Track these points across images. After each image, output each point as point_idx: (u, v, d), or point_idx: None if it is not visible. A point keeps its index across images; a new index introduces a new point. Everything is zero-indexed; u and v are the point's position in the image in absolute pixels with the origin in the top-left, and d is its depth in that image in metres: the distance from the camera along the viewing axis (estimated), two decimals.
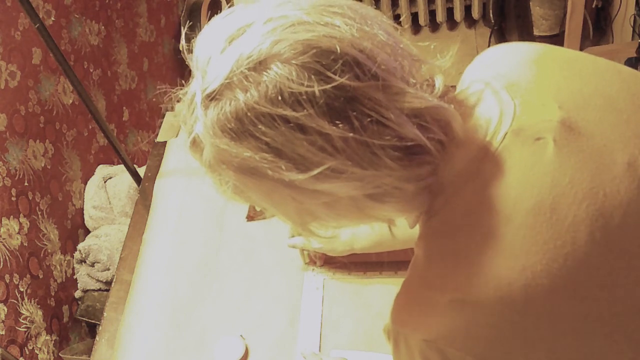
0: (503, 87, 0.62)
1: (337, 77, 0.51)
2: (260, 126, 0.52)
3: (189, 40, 0.60)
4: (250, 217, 0.60)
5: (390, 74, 0.54)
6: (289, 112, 0.51)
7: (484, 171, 0.57)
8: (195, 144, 0.58)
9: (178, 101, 0.62)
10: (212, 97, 0.54)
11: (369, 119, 0.52)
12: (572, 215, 0.54)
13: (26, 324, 1.40)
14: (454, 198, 0.58)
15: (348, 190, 0.55)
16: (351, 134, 0.52)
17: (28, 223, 1.46)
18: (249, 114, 0.52)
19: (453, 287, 0.57)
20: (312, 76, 0.51)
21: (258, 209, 0.65)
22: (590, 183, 0.55)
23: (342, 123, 0.51)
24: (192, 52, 0.58)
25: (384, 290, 1.12)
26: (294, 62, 0.51)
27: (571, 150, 0.57)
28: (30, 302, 1.43)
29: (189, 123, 0.58)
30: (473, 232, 0.57)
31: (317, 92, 0.51)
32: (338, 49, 0.52)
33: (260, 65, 0.52)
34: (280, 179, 0.54)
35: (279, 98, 0.51)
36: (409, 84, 0.55)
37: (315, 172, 0.52)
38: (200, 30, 0.59)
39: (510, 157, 0.57)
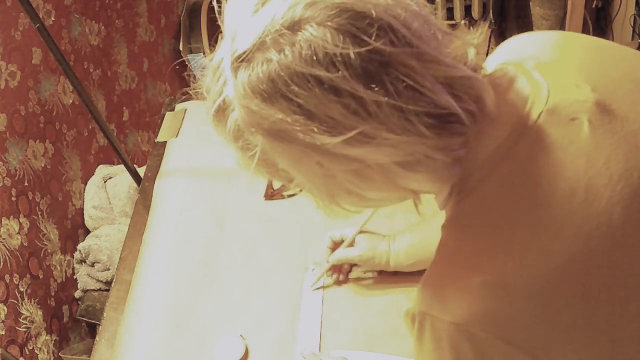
0: (534, 68, 0.61)
1: (372, 41, 0.50)
2: (293, 87, 0.51)
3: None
4: (268, 196, 0.58)
5: (423, 42, 0.53)
6: (323, 73, 0.50)
7: (519, 151, 0.57)
8: (220, 111, 0.57)
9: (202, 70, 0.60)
10: (243, 59, 0.53)
11: (403, 85, 0.51)
12: (608, 197, 0.54)
13: (26, 324, 1.40)
14: (489, 178, 0.57)
15: (379, 157, 0.54)
16: (385, 99, 0.51)
17: (28, 223, 1.46)
18: (282, 74, 0.51)
19: (486, 269, 0.56)
20: (347, 39, 0.50)
21: (277, 185, 0.64)
22: (625, 164, 0.55)
23: (376, 87, 0.51)
24: (220, 16, 0.57)
25: (384, 290, 1.12)
26: (328, 24, 0.51)
27: (606, 131, 0.56)
28: (30, 302, 1.43)
29: (215, 90, 0.57)
30: (507, 213, 0.56)
31: (352, 55, 0.50)
32: (373, 13, 0.51)
33: (294, 26, 0.51)
34: (311, 142, 0.52)
35: (314, 58, 0.50)
36: (442, 53, 0.55)
37: (347, 136, 0.51)
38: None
39: (545, 137, 0.56)
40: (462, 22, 2.65)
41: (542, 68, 0.61)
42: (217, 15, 0.58)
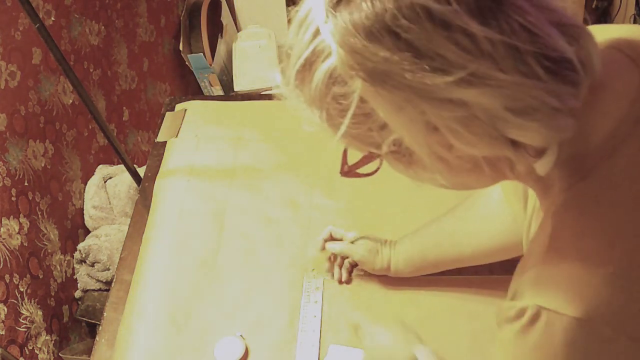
0: (628, 48, 0.58)
1: None
2: (402, 21, 0.47)
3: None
4: (344, 172, 0.55)
5: None
6: (434, 6, 0.47)
7: None
8: (307, 66, 0.53)
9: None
10: (340, 1, 0.50)
11: (517, 24, 0.48)
12: None
13: (26, 324, 1.40)
14: (612, 157, 0.54)
15: (489, 100, 0.49)
16: (500, 36, 0.48)
17: (28, 223, 1.46)
18: (390, 7, 0.48)
19: (612, 261, 0.53)
20: None
21: (357, 157, 0.59)
22: None
23: (490, 23, 0.48)
24: None
25: (384, 290, 1.12)
26: None
27: None
28: (30, 302, 1.43)
29: (302, 42, 0.53)
30: (638, 198, 0.53)
31: None
32: None
33: None
34: (418, 84, 0.49)
35: None
36: (553, 2, 0.52)
37: (458, 76, 0.48)
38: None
39: None
40: None
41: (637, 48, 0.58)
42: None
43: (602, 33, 0.62)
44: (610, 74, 0.55)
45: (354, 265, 1.14)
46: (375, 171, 0.63)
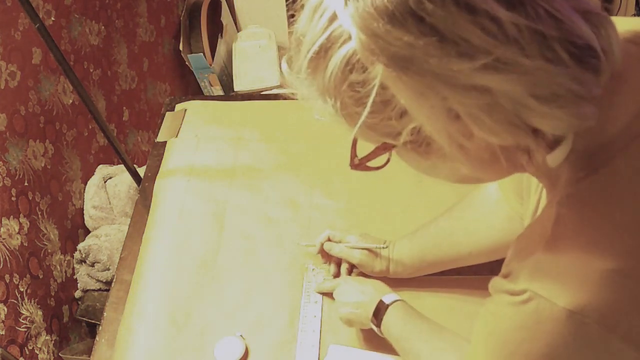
0: None
1: None
2: (426, 4, 0.46)
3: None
4: (355, 165, 0.52)
5: None
6: None
7: None
8: (321, 53, 0.52)
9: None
10: None
11: (543, 10, 0.47)
12: None
13: (26, 324, 1.40)
14: (624, 153, 0.54)
15: (514, 87, 0.48)
16: (525, 21, 0.46)
17: (28, 223, 1.46)
18: None
19: (612, 258, 0.52)
20: None
21: (366, 151, 0.58)
22: None
23: (515, 8, 0.47)
24: None
25: None
26: None
27: None
28: (30, 302, 1.43)
29: (317, 28, 0.51)
30: None
31: None
32: None
33: None
34: (441, 70, 0.47)
35: None
36: None
37: (482, 61, 0.47)
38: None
39: None
40: None
41: None
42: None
43: (619, 24, 0.61)
44: (627, 67, 0.54)
45: (353, 266, 1.14)
46: (386, 164, 0.62)
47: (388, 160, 0.62)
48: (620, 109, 0.54)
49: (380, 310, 0.96)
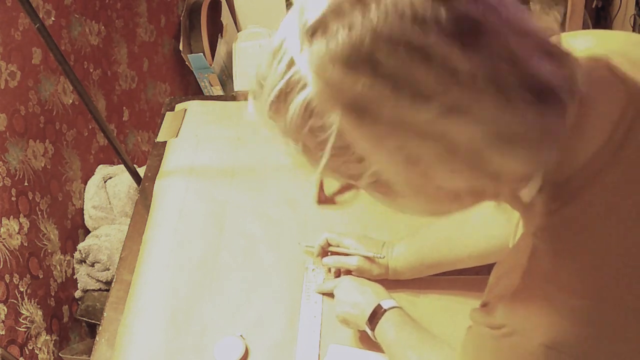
0: (623, 64, 0.56)
1: (461, 6, 0.47)
2: (379, 53, 0.46)
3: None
4: (321, 200, 0.52)
5: (515, 11, 0.50)
6: (413, 36, 0.46)
7: (628, 155, 0.51)
8: (282, 97, 0.51)
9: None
10: (316, 29, 0.48)
11: (500, 53, 0.47)
12: None
13: (26, 324, 1.40)
14: (594, 184, 0.53)
15: (471, 132, 0.47)
16: (481, 66, 0.46)
17: (28, 223, 1.46)
18: (367, 39, 0.46)
19: (584, 294, 0.52)
20: (434, 2, 0.46)
21: (329, 192, 0.58)
22: None
23: (471, 53, 0.46)
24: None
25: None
26: None
27: None
28: (30, 302, 1.43)
29: (276, 74, 0.51)
30: (617, 230, 0.52)
31: (443, 14, 0.46)
32: None
33: None
34: (396, 117, 0.47)
35: (402, 20, 0.46)
36: (532, 25, 0.50)
37: (438, 107, 0.46)
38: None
39: None
40: None
41: (633, 65, 0.56)
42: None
43: (598, 41, 0.61)
44: (594, 95, 0.54)
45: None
46: (353, 199, 0.62)
47: (356, 194, 0.62)
48: (589, 139, 0.53)
49: (376, 314, 0.96)
